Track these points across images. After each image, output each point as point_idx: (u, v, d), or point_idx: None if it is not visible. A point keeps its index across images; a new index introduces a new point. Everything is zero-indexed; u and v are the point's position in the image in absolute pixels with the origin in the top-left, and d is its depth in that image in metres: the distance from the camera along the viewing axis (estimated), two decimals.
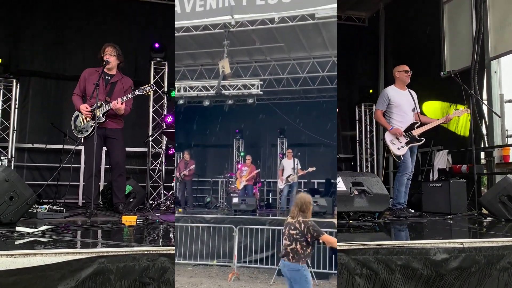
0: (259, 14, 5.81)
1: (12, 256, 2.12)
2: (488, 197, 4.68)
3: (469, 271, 2.73)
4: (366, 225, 4.01)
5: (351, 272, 2.57)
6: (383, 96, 5.39)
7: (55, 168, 7.44)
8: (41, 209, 4.31)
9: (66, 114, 7.22)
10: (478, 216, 4.90)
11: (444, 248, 2.72)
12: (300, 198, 2.60)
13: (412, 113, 5.35)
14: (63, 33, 8.27)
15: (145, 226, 3.90)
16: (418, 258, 2.65)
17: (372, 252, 2.62)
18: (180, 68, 7.49)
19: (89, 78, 5.06)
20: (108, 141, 5.11)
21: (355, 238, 3.05)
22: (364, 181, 4.52)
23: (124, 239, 3.03)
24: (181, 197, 7.55)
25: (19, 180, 3.67)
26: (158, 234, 3.42)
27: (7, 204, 3.49)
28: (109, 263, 2.21)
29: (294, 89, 7.43)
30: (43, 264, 2.12)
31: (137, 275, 2.26)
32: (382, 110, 5.36)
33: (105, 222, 4.01)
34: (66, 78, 8.07)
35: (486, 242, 2.86)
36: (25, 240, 2.72)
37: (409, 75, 5.41)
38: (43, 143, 7.80)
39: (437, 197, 5.75)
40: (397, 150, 5.17)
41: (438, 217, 4.94)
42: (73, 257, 2.18)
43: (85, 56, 8.03)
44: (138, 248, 2.37)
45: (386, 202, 4.64)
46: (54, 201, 6.18)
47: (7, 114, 7.57)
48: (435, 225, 4.30)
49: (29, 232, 2.90)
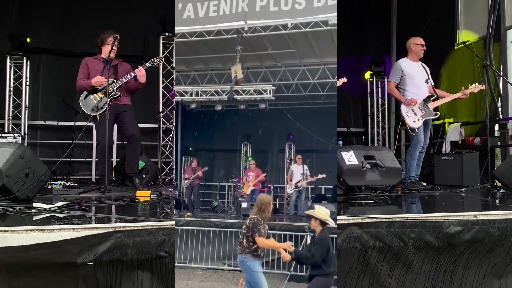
0: (273, 20, 5.85)
1: (32, 231, 2.17)
2: (502, 169, 4.65)
3: (481, 243, 2.73)
4: (378, 198, 4.02)
5: (364, 245, 2.59)
6: (396, 68, 5.33)
7: (67, 145, 7.51)
8: (56, 185, 4.38)
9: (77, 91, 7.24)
10: (491, 188, 4.88)
11: (457, 221, 2.72)
12: (259, 199, 2.68)
13: (425, 84, 5.28)
14: (71, 9, 8.19)
15: (159, 201, 3.95)
16: (431, 231, 2.66)
17: (385, 225, 2.63)
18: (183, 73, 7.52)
19: (90, 64, 5.18)
20: (120, 117, 5.18)
21: (367, 212, 3.06)
22: (377, 155, 4.51)
23: (139, 214, 3.08)
24: (188, 201, 7.66)
25: (33, 157, 3.72)
26: (173, 209, 3.46)
27: (23, 181, 3.55)
28: (125, 238, 2.25)
29: (302, 95, 7.47)
30: (62, 239, 2.16)
31: (153, 249, 2.30)
32: (396, 82, 5.31)
33: (119, 197, 4.07)
34: (76, 55, 8.01)
35: (500, 214, 2.85)
36: (42, 216, 2.78)
37: (424, 49, 5.32)
38: (55, 120, 7.86)
39: (450, 170, 5.72)
40: (413, 123, 5.12)
41: (450, 190, 4.92)
42: (90, 232, 2.23)
43: (94, 32, 7.95)
44: (154, 222, 2.41)
45: (399, 176, 4.63)
46: (68, 177, 6.28)
47: (18, 91, 7.61)
48: (448, 198, 4.29)
49: (46, 208, 2.95)
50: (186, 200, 7.62)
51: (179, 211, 7.01)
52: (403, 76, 5.27)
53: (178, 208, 7.26)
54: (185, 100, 7.32)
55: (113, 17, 5.21)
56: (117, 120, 5.21)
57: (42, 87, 8.09)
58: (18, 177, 3.51)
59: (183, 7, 6.33)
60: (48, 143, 7.99)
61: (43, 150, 7.95)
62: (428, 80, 5.31)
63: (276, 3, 5.87)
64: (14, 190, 3.47)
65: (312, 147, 8.12)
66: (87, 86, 5.06)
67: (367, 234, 2.59)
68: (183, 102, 7.50)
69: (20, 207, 3.04)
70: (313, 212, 2.52)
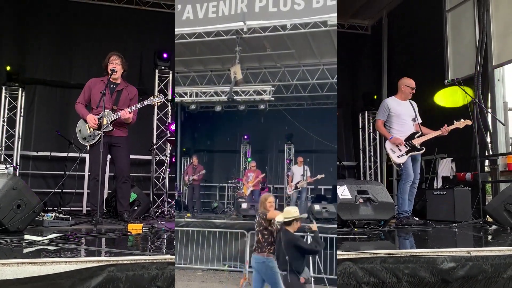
0: (272, 21, 5.88)
1: (23, 264, 2.14)
2: (493, 205, 4.68)
3: (475, 279, 2.73)
4: (371, 233, 4.02)
5: (359, 280, 2.57)
6: (383, 106, 5.50)
7: (59, 175, 7.46)
8: (47, 217, 4.33)
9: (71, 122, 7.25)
10: (483, 224, 4.89)
11: (451, 257, 2.72)
12: (262, 197, 2.84)
13: (412, 122, 5.43)
14: (67, 41, 8.33)
15: (151, 234, 3.91)
16: (425, 267, 2.66)
17: (380, 260, 2.62)
18: (182, 74, 7.54)
19: (94, 87, 5.11)
20: (113, 149, 5.14)
21: (361, 247, 3.06)
22: (369, 189, 4.53)
23: (132, 248, 3.05)
24: (189, 202, 7.55)
25: (26, 188, 3.69)
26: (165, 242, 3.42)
27: (14, 212, 3.51)
28: (118, 272, 2.23)
29: (301, 96, 7.48)
30: (54, 272, 2.13)
31: (146, 284, 2.27)
32: (383, 120, 5.45)
33: (111, 230, 4.02)
34: (70, 86, 8.12)
35: (493, 250, 2.86)
36: (33, 248, 2.74)
37: (413, 92, 5.50)
38: (48, 151, 7.83)
39: (442, 205, 5.75)
40: (397, 158, 5.24)
41: (443, 225, 4.94)
42: (83, 266, 2.20)
43: (89, 64, 8.10)
44: (147, 256, 2.39)
45: (391, 210, 4.64)
46: (59, 209, 6.20)
47: (12, 122, 7.62)
48: (441, 233, 4.30)
49: (37, 240, 2.91)
50: (186, 201, 7.54)
51: (179, 212, 6.92)
52: (390, 114, 5.41)
53: (178, 209, 7.17)
54: (184, 101, 7.34)
55: (109, 49, 5.27)
56: (111, 151, 5.17)
57: (36, 117, 8.11)
58: (9, 208, 3.47)
59: (182, 8, 6.38)
60: (39, 173, 7.94)
61: (35, 181, 7.89)
62: (416, 118, 5.45)
63: (275, 3, 5.90)
64: (5, 222, 3.43)
65: (311, 148, 8.16)
66: (82, 117, 5.06)
67: (361, 270, 2.57)
68: (183, 103, 7.52)
69: (11, 239, 2.99)
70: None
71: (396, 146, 5.26)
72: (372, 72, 9.80)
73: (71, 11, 8.37)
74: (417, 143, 5.25)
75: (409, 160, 5.25)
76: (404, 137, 5.27)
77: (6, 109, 7.65)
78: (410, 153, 5.24)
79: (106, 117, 4.90)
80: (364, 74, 9.87)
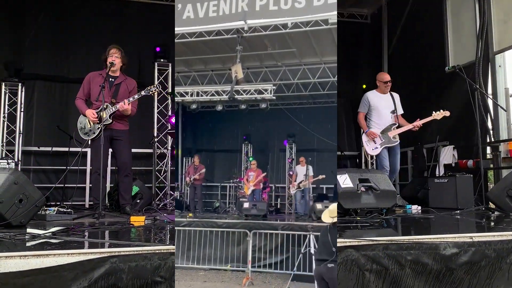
0: (272, 19, 5.87)
1: (25, 257, 2.14)
2: (496, 191, 4.67)
3: (479, 265, 2.72)
4: (374, 221, 4.02)
5: (361, 268, 2.57)
6: (364, 99, 5.79)
7: (61, 170, 7.46)
8: (50, 211, 4.34)
9: (71, 117, 7.23)
10: (485, 210, 4.90)
11: (453, 243, 2.72)
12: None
13: (391, 115, 5.68)
14: (66, 36, 8.29)
15: (154, 226, 3.92)
16: (427, 253, 2.65)
17: (382, 247, 2.62)
18: (183, 73, 7.50)
19: (93, 81, 5.09)
20: (114, 142, 5.14)
21: (364, 235, 3.06)
22: (371, 178, 4.52)
23: (134, 239, 3.05)
24: (190, 202, 7.55)
25: (28, 183, 3.69)
26: (167, 234, 3.43)
27: (16, 207, 3.51)
28: (121, 263, 2.23)
29: (303, 94, 7.44)
30: (56, 264, 2.13)
31: (149, 274, 2.27)
32: (364, 112, 5.76)
33: (113, 223, 4.03)
34: (70, 81, 8.10)
35: (496, 236, 2.86)
36: (36, 241, 2.74)
37: (388, 85, 5.77)
38: (49, 146, 7.83)
39: (444, 192, 5.74)
40: (371, 151, 5.62)
41: (445, 212, 4.93)
42: (85, 258, 2.20)
43: (89, 58, 8.04)
44: (149, 247, 2.39)
45: (394, 198, 4.64)
46: (61, 203, 6.22)
47: (13, 117, 7.61)
48: (443, 220, 4.30)
49: (40, 234, 2.92)
50: (188, 201, 7.53)
51: (180, 212, 6.92)
52: (370, 107, 5.70)
53: (180, 209, 7.17)
54: (185, 101, 7.30)
55: (108, 43, 5.23)
56: (112, 145, 5.17)
57: (36, 113, 8.10)
58: (11, 203, 3.47)
59: (182, 7, 6.33)
60: (41, 168, 7.94)
61: (36, 176, 7.90)
62: (395, 110, 5.67)
63: (276, 2, 5.87)
64: (7, 216, 3.43)
65: (312, 147, 8.14)
66: (82, 112, 5.06)
67: (364, 257, 2.57)
68: (184, 102, 7.49)
69: (14, 233, 3.00)
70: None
71: (371, 139, 5.55)
72: (372, 61, 9.73)
73: (69, 5, 8.32)
74: (392, 135, 5.53)
75: (384, 152, 5.55)
76: (380, 130, 5.55)
77: (6, 105, 7.64)
78: (384, 145, 5.52)
79: (105, 111, 4.89)
80: (364, 63, 9.80)
